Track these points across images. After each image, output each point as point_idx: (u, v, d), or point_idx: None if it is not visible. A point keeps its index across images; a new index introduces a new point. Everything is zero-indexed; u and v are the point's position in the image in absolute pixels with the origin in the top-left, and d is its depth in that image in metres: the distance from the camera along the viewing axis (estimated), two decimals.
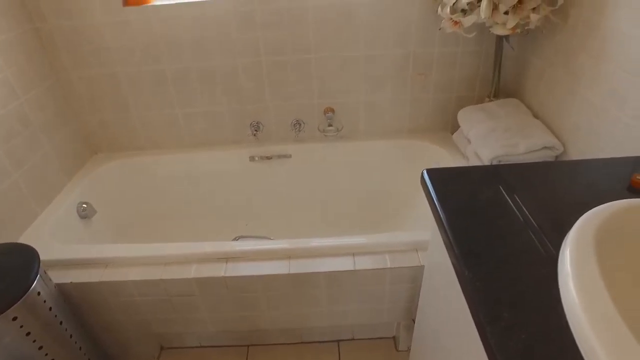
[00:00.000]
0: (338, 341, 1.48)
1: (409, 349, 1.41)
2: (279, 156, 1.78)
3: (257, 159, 1.78)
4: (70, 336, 1.16)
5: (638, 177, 0.73)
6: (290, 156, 1.78)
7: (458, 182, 0.81)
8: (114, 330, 1.35)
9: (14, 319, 0.97)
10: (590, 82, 1.16)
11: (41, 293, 1.04)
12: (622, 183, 0.76)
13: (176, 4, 1.48)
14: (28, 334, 1.00)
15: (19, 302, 0.97)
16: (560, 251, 0.59)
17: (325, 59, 1.61)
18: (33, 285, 1.02)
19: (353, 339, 1.48)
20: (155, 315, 1.29)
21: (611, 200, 0.64)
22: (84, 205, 1.54)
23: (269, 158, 1.78)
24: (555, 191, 0.77)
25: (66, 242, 1.40)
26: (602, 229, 0.60)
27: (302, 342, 1.48)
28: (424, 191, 0.81)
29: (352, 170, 1.81)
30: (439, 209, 0.73)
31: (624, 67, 1.02)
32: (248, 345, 1.49)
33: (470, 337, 0.64)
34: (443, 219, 0.71)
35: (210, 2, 1.48)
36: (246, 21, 1.52)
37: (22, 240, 1.33)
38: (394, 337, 1.48)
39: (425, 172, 0.83)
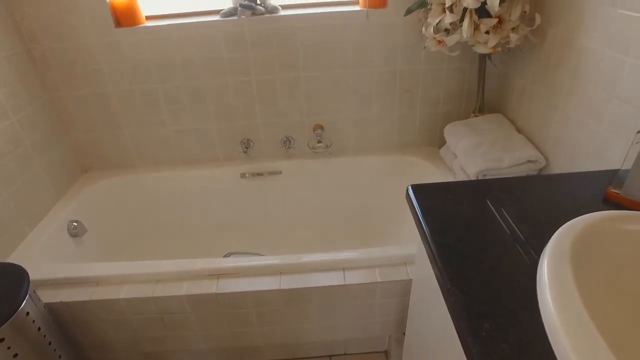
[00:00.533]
0: (330, 356, 1.48)
1: None
2: (270, 173, 1.80)
3: (248, 175, 1.79)
4: (59, 357, 1.15)
5: (612, 190, 0.76)
6: (280, 172, 1.80)
7: (443, 197, 0.83)
8: (105, 350, 1.34)
9: (2, 340, 0.96)
10: (569, 98, 1.20)
11: (30, 313, 1.04)
12: (598, 195, 0.79)
13: (167, 25, 1.51)
14: (15, 355, 1.00)
15: (6, 323, 0.97)
16: (539, 263, 0.62)
17: (313, 77, 1.64)
18: (22, 306, 1.01)
19: (345, 354, 1.48)
20: (147, 334, 1.29)
21: (588, 213, 0.67)
22: (74, 224, 1.54)
23: (259, 175, 1.80)
24: (539, 204, 0.79)
25: (56, 261, 1.40)
26: (578, 240, 0.62)
27: (294, 358, 1.48)
28: (409, 206, 0.84)
29: (342, 185, 1.83)
30: (422, 223, 0.75)
31: (598, 83, 1.07)
32: None
33: (455, 348, 0.65)
34: (426, 233, 0.73)
35: (201, 23, 1.52)
36: (236, 41, 1.55)
37: (12, 259, 1.33)
38: (385, 352, 1.48)
39: (410, 187, 0.86)
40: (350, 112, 1.74)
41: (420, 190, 0.85)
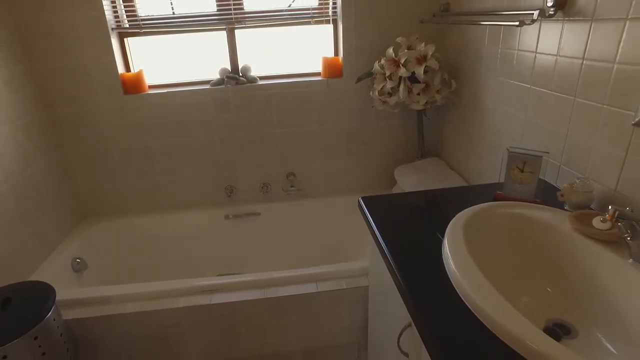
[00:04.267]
0: None
1: None
2: (250, 214, 2.09)
3: (231, 217, 2.07)
4: None
5: (498, 192, 1.11)
6: (259, 214, 2.09)
7: (387, 204, 1.16)
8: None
9: (35, 338, 1.15)
10: (480, 141, 1.60)
11: (55, 320, 1.24)
12: (491, 196, 1.13)
13: (166, 92, 1.86)
14: (44, 354, 1.18)
15: (39, 324, 1.16)
16: (444, 235, 0.93)
17: (286, 133, 2.01)
18: (50, 312, 1.22)
19: None
20: (147, 349, 1.47)
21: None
22: (77, 260, 1.74)
23: (241, 216, 2.08)
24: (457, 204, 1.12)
25: None
26: (468, 220, 0.95)
27: None
28: (362, 214, 1.14)
29: (312, 223, 2.13)
30: (371, 220, 1.07)
31: (496, 129, 1.47)
32: None
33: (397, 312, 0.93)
34: (374, 228, 1.04)
35: (194, 91, 1.88)
36: (222, 105, 1.91)
37: None
38: None
39: (360, 199, 1.18)
40: (317, 161, 2.09)
41: (369, 200, 1.17)
